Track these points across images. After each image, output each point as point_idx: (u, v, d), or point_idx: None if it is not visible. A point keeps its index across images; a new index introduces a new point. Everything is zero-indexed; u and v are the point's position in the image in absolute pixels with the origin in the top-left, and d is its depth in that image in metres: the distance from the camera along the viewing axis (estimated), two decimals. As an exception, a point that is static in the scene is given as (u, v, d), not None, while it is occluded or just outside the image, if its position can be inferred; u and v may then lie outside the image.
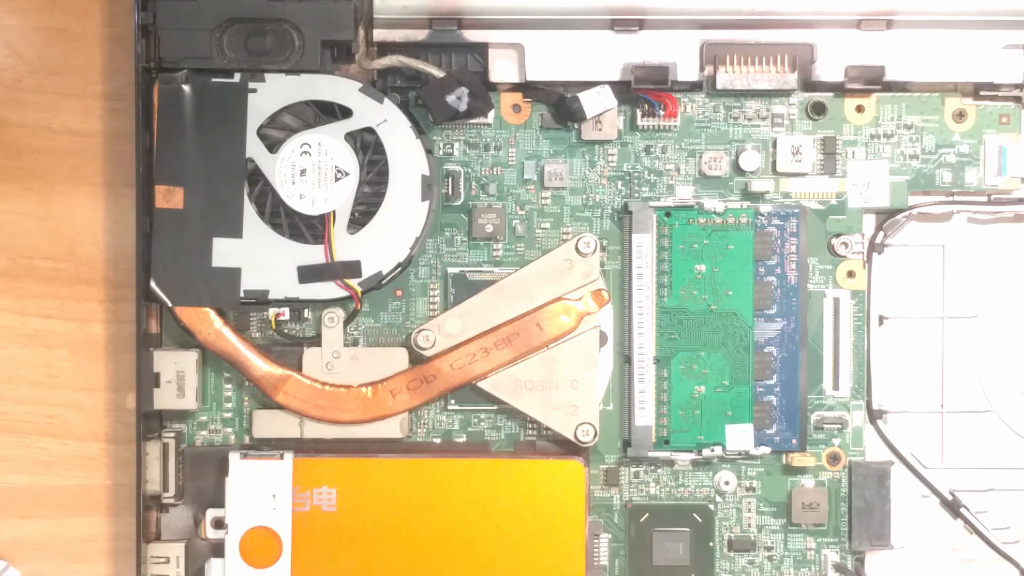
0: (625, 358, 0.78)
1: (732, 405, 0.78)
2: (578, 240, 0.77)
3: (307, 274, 0.75)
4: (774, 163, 0.79)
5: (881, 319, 0.79)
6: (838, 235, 0.79)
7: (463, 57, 0.78)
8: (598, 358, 0.78)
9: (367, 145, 0.76)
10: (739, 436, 0.78)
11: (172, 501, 0.78)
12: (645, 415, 0.77)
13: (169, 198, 0.75)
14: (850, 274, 0.79)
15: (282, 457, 0.76)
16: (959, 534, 0.80)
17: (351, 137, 0.75)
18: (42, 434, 0.80)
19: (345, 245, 0.76)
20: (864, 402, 0.79)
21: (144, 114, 0.75)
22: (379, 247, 0.76)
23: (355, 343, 0.79)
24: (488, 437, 0.79)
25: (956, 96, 0.79)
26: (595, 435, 0.77)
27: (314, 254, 0.75)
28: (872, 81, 0.77)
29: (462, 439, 0.79)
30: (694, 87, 0.78)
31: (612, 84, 0.77)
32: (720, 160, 0.79)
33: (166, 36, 0.75)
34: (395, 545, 0.76)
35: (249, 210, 0.75)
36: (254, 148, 0.75)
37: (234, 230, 0.75)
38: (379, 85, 0.77)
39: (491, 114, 0.78)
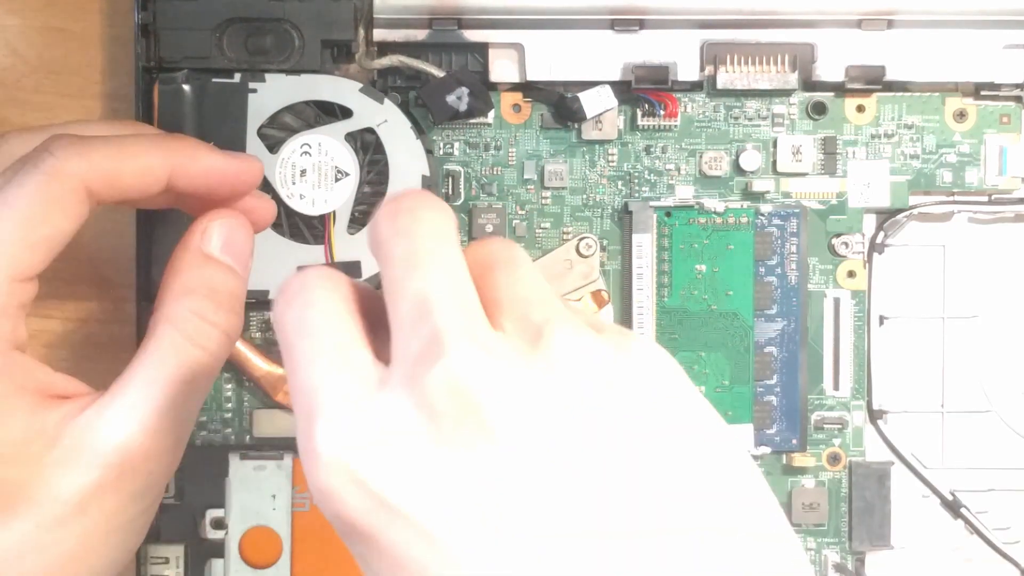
0: (625, 358, 0.78)
1: (732, 405, 0.78)
2: (579, 241, 0.77)
3: (307, 274, 0.75)
4: (774, 163, 0.79)
5: (881, 319, 0.79)
6: (838, 235, 0.79)
7: (463, 57, 0.78)
8: (598, 358, 0.78)
9: (367, 145, 0.76)
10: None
11: (172, 501, 0.78)
12: (645, 415, 0.77)
13: (169, 198, 0.74)
14: (850, 274, 0.79)
15: (282, 457, 0.76)
16: (959, 534, 0.80)
17: (351, 137, 0.75)
18: (42, 434, 0.80)
19: (345, 245, 0.75)
20: (864, 402, 0.79)
21: (144, 114, 0.75)
22: (379, 247, 0.75)
23: (355, 343, 0.79)
24: (488, 437, 0.79)
25: (957, 96, 0.79)
26: (595, 435, 0.77)
27: (314, 254, 0.75)
28: (873, 81, 0.77)
29: (462, 439, 0.79)
30: (694, 87, 0.78)
31: (612, 84, 0.77)
32: (720, 160, 0.79)
33: (166, 36, 0.75)
34: (395, 545, 0.76)
35: (249, 210, 0.75)
36: (254, 148, 0.75)
37: (234, 230, 0.75)
38: (379, 85, 0.77)
39: (491, 114, 0.78)
